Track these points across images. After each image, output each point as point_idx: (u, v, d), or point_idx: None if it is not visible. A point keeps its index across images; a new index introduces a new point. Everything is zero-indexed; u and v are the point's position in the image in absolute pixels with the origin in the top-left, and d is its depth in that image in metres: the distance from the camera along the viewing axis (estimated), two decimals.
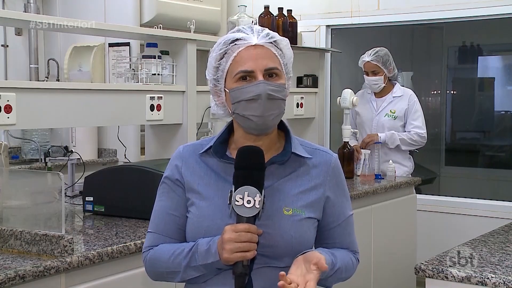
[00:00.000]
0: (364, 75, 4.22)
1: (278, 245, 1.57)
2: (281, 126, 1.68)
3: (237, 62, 1.57)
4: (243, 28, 1.61)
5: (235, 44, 1.58)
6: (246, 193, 1.48)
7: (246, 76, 1.56)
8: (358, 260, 1.75)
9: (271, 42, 1.59)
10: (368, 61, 4.14)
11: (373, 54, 4.13)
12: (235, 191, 1.49)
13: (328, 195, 1.65)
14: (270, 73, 1.57)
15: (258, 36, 1.58)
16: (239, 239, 1.47)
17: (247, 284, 1.55)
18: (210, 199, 1.61)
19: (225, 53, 1.59)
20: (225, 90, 1.60)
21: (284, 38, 1.65)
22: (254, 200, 1.48)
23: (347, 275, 1.69)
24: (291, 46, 1.67)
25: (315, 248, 1.65)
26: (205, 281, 1.60)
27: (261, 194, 1.49)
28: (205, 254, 1.54)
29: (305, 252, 1.55)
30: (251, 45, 1.57)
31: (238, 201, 1.48)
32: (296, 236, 1.58)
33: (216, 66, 1.61)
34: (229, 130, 1.67)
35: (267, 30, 1.61)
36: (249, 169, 1.51)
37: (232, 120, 1.66)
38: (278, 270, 1.53)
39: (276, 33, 1.62)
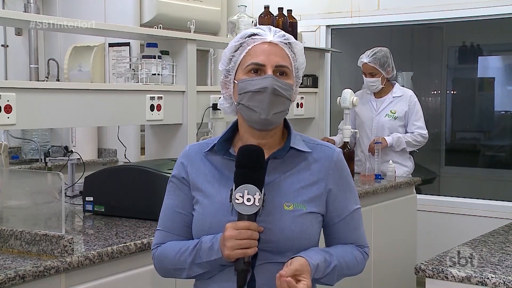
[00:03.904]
0: (363, 76, 4.23)
1: (279, 240, 1.59)
2: (286, 126, 1.70)
3: (250, 54, 1.62)
4: (261, 28, 1.67)
5: (252, 38, 1.63)
6: (246, 192, 1.51)
7: (257, 69, 1.60)
8: (367, 253, 1.76)
9: (286, 43, 1.64)
10: (365, 63, 4.14)
11: (371, 56, 4.12)
12: (235, 189, 1.52)
13: (330, 188, 1.66)
14: (281, 71, 1.61)
15: (275, 35, 1.64)
16: (239, 236, 1.50)
17: (250, 280, 1.57)
18: (213, 196, 1.63)
19: (240, 45, 1.64)
20: (234, 81, 1.64)
21: (300, 43, 1.69)
22: (254, 198, 1.51)
23: (352, 272, 1.71)
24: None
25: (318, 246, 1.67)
26: (210, 277, 1.63)
27: (261, 192, 1.52)
28: (208, 251, 1.57)
29: (295, 257, 1.57)
30: (266, 41, 1.62)
31: (238, 199, 1.51)
32: (297, 231, 1.60)
33: (230, 58, 1.66)
34: (234, 129, 1.70)
35: (283, 32, 1.66)
36: (249, 167, 1.54)
37: (237, 119, 1.69)
38: (281, 265, 1.57)
39: (292, 37, 1.67)
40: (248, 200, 1.50)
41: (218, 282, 1.62)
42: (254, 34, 1.63)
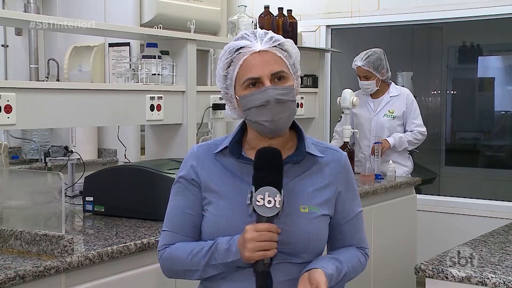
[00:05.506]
0: (358, 78, 4.23)
1: (296, 242, 1.61)
2: (293, 126, 1.71)
3: (243, 70, 1.60)
4: (246, 34, 1.63)
5: (240, 52, 1.61)
6: (267, 194, 1.51)
7: (254, 82, 1.59)
8: (368, 255, 1.79)
9: (275, 46, 1.61)
10: (359, 66, 4.14)
11: (365, 59, 4.11)
12: (255, 191, 1.52)
13: (340, 191, 1.69)
14: (278, 77, 1.60)
15: (262, 41, 1.61)
16: (260, 238, 1.50)
17: (267, 279, 1.57)
18: (229, 198, 1.63)
19: (231, 61, 1.62)
20: (235, 97, 1.64)
21: (288, 39, 1.67)
22: (275, 200, 1.51)
23: (356, 275, 1.73)
24: None
25: (322, 256, 1.68)
26: (223, 277, 1.63)
27: (281, 194, 1.52)
28: (225, 253, 1.57)
29: (310, 269, 1.57)
30: (256, 52, 1.59)
31: (259, 201, 1.51)
32: (313, 233, 1.62)
33: (224, 75, 1.64)
34: (242, 130, 1.70)
35: (270, 34, 1.63)
36: (269, 170, 1.54)
37: (244, 121, 1.69)
38: (297, 266, 1.61)
39: (280, 36, 1.65)
40: (269, 202, 1.51)
41: (231, 282, 1.62)
42: (242, 47, 1.60)
